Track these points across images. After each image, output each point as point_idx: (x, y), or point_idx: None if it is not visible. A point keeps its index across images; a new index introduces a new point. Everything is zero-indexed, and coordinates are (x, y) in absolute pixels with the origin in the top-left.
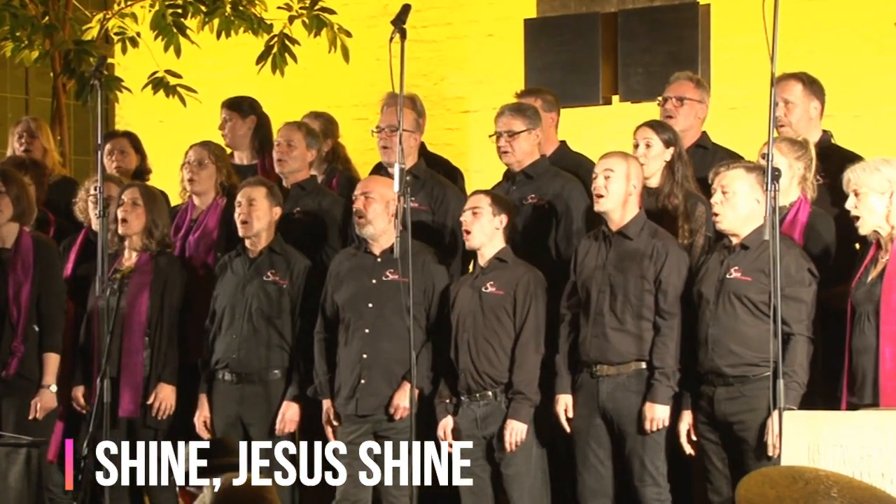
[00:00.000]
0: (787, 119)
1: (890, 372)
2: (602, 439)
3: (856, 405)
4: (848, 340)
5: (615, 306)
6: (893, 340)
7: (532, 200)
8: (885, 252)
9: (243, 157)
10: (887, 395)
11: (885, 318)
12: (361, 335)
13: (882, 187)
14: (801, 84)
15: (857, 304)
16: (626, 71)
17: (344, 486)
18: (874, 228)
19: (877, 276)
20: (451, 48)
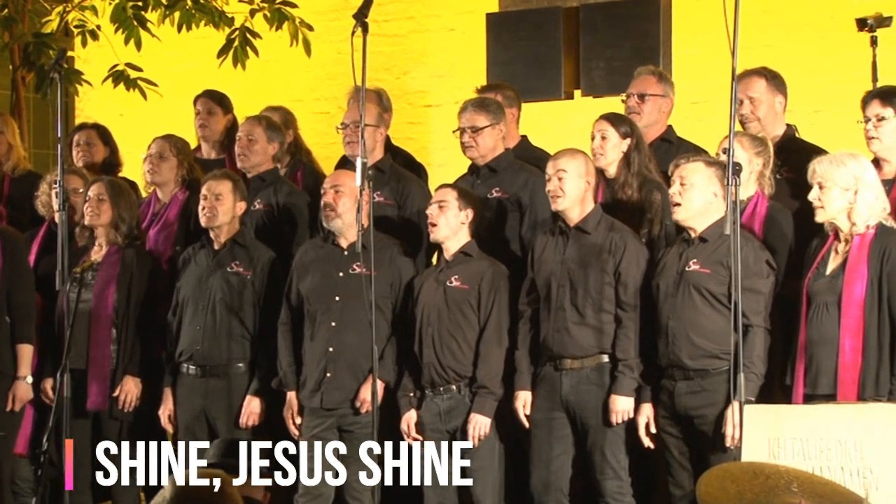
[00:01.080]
0: (753, 115)
1: (849, 364)
2: (561, 433)
3: (811, 396)
4: (803, 331)
5: (576, 300)
6: (853, 332)
7: (496, 194)
8: (845, 244)
9: (212, 151)
10: (845, 387)
11: (846, 311)
12: (328, 328)
13: (847, 183)
14: (765, 80)
15: (813, 295)
16: (587, 65)
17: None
18: (831, 219)
19: (837, 268)
20: (413, 42)
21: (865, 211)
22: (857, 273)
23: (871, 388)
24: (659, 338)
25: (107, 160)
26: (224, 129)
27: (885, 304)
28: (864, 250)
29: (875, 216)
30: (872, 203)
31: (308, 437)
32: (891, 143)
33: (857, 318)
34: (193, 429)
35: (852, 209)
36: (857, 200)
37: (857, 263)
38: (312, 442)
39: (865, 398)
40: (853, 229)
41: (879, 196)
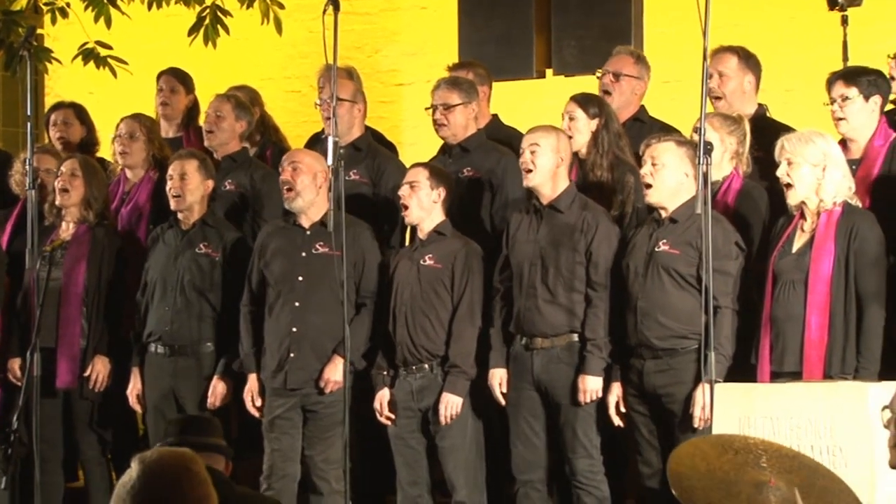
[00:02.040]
0: (720, 91)
1: (815, 341)
2: (536, 411)
3: (777, 373)
4: (768, 309)
5: (547, 279)
6: (820, 310)
7: (468, 174)
8: (811, 222)
9: (170, 129)
10: (811, 364)
11: (813, 288)
12: (291, 308)
13: (816, 159)
14: (737, 57)
15: (779, 273)
16: (559, 44)
17: (272, 459)
18: (803, 198)
19: (804, 246)
20: (384, 21)
21: (833, 188)
22: (824, 251)
23: (837, 366)
24: (628, 317)
25: (84, 139)
26: (185, 108)
27: (851, 282)
28: (831, 228)
29: (842, 194)
30: (840, 181)
31: (271, 417)
32: (857, 122)
33: (823, 296)
34: (162, 408)
35: (820, 186)
36: (825, 177)
37: (824, 241)
38: (276, 422)
39: (831, 376)
40: (820, 206)
41: (846, 174)
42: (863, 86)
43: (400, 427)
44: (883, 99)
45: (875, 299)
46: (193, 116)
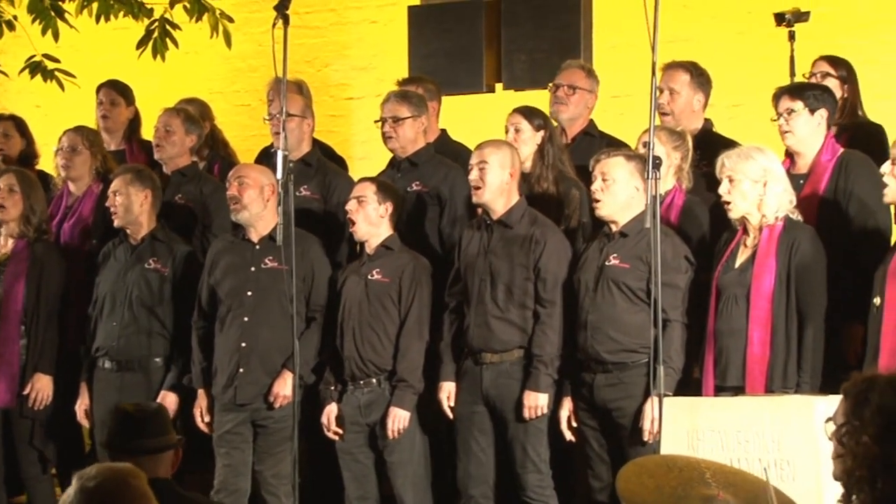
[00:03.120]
0: (669, 107)
1: (758, 356)
2: (484, 426)
3: (721, 388)
4: (712, 323)
5: (497, 294)
6: (762, 325)
7: (417, 188)
8: (753, 238)
9: (112, 142)
10: (753, 379)
11: (755, 303)
12: (240, 323)
13: (756, 175)
14: (689, 75)
15: (723, 288)
16: (509, 58)
17: (223, 474)
18: (744, 214)
19: (746, 261)
20: (334, 35)
21: (774, 203)
22: (766, 266)
23: (778, 381)
24: (578, 332)
25: (24, 152)
26: (126, 120)
27: (792, 297)
28: (772, 243)
29: (783, 208)
30: (781, 195)
31: (221, 432)
32: (803, 135)
33: (765, 311)
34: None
35: (762, 202)
36: (767, 192)
37: (765, 256)
38: (226, 437)
39: (773, 390)
40: (762, 221)
41: (787, 188)
42: (808, 100)
43: (348, 442)
44: (829, 113)
45: (816, 314)
46: (135, 129)
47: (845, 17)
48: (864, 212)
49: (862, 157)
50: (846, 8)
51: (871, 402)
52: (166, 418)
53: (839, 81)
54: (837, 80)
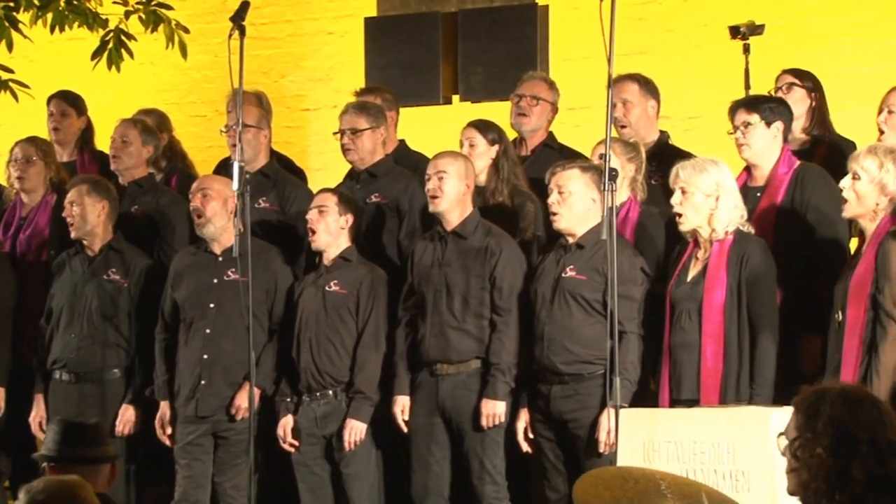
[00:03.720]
0: (626, 119)
1: (711, 369)
2: (440, 438)
3: (676, 401)
4: (667, 337)
5: (453, 305)
6: (714, 338)
7: (376, 199)
8: (705, 251)
9: (64, 153)
10: (707, 392)
11: (707, 317)
12: (202, 335)
13: (709, 189)
14: (638, 84)
15: (676, 301)
16: (465, 70)
17: (183, 485)
18: (695, 227)
19: (698, 274)
20: (290, 46)
21: (725, 218)
22: (717, 280)
23: (732, 394)
24: (535, 343)
25: None
26: (78, 130)
27: (744, 310)
28: (723, 256)
29: (734, 223)
30: (732, 210)
31: (183, 443)
32: (759, 148)
33: (717, 324)
34: None
35: (713, 216)
36: (719, 207)
37: (716, 270)
38: (187, 448)
39: (727, 402)
40: (713, 235)
41: (738, 203)
42: (764, 112)
43: (304, 454)
44: (785, 125)
45: (767, 326)
46: (88, 139)
47: (800, 31)
48: (821, 224)
49: (818, 169)
50: (801, 21)
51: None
52: (104, 431)
53: (806, 91)
54: (804, 89)
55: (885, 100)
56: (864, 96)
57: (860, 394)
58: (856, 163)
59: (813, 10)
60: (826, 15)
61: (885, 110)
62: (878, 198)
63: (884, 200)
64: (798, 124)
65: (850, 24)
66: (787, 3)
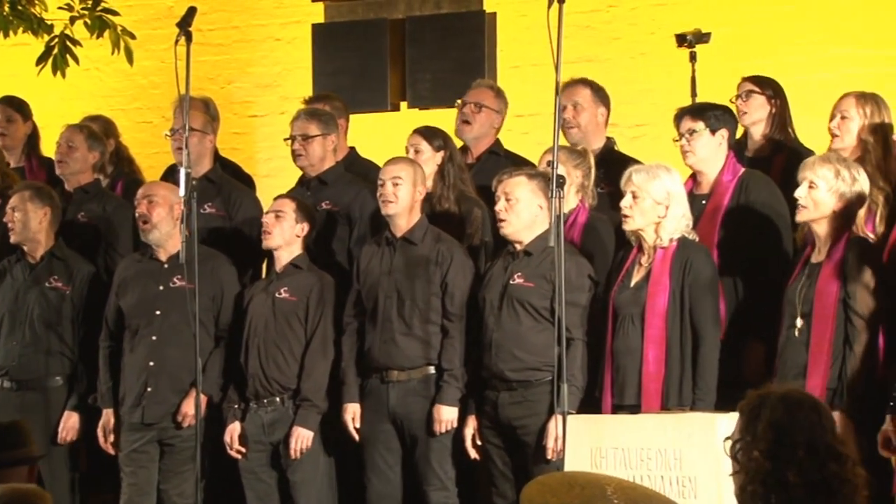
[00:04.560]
0: (575, 121)
1: (653, 374)
2: (391, 444)
3: (619, 406)
4: (609, 342)
5: (403, 311)
6: (656, 344)
7: (326, 206)
8: (648, 257)
9: (11, 159)
10: (649, 397)
11: (650, 322)
12: (148, 342)
13: (660, 196)
14: (590, 90)
15: (619, 307)
16: (413, 77)
17: (128, 493)
18: (640, 228)
19: (641, 280)
20: (237, 52)
21: (672, 226)
22: (660, 285)
23: (674, 399)
24: (483, 350)
25: None
26: (25, 136)
27: (686, 316)
28: (666, 262)
29: (679, 231)
30: (679, 219)
31: (128, 451)
32: (704, 155)
33: (659, 330)
34: None
35: (661, 223)
36: (668, 215)
37: (659, 276)
38: (132, 456)
39: (669, 408)
40: (657, 242)
41: (686, 213)
42: (710, 120)
43: (251, 461)
44: (730, 133)
45: (710, 332)
46: (34, 145)
47: (746, 39)
48: (765, 231)
49: (762, 176)
50: (747, 30)
51: (763, 417)
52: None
53: (766, 98)
54: (764, 96)
55: (838, 105)
56: (812, 104)
57: (801, 398)
58: (811, 172)
59: (759, 19)
60: (772, 23)
61: (838, 116)
62: (835, 205)
63: (839, 206)
64: (758, 129)
65: (796, 32)
66: (733, 12)
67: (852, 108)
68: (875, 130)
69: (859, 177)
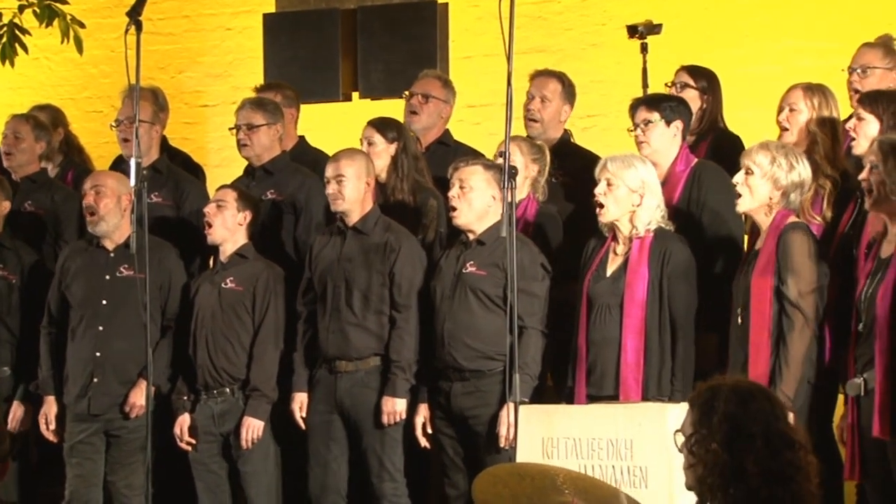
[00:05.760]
0: (540, 114)
1: (632, 364)
2: (338, 435)
3: (596, 397)
4: (584, 333)
5: (352, 301)
6: (635, 334)
7: (272, 196)
8: (624, 246)
9: None
10: (628, 388)
11: (628, 312)
12: (95, 332)
13: (635, 185)
14: (561, 85)
15: (594, 297)
16: (365, 67)
17: (74, 484)
18: (615, 219)
19: (618, 270)
20: (188, 41)
21: (647, 216)
22: (639, 275)
23: (653, 389)
24: (435, 340)
25: None
26: None
27: (665, 305)
28: (644, 252)
29: (655, 221)
30: (654, 209)
31: (73, 442)
32: (659, 146)
33: (639, 320)
34: None
35: (635, 214)
36: (643, 204)
37: (637, 265)
38: (78, 447)
39: (648, 398)
40: (633, 232)
41: (661, 203)
42: (665, 111)
43: (201, 452)
44: (684, 124)
45: (687, 322)
46: None
47: (697, 30)
48: (716, 221)
49: (715, 167)
50: (698, 21)
51: (717, 409)
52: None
53: (698, 92)
54: (697, 90)
55: (786, 97)
56: (762, 96)
57: (752, 388)
58: (748, 158)
59: (710, 11)
60: (723, 15)
61: (787, 108)
62: (771, 192)
63: (777, 194)
64: None
65: (747, 24)
66: (684, 4)
67: (800, 100)
68: (823, 122)
69: (797, 165)
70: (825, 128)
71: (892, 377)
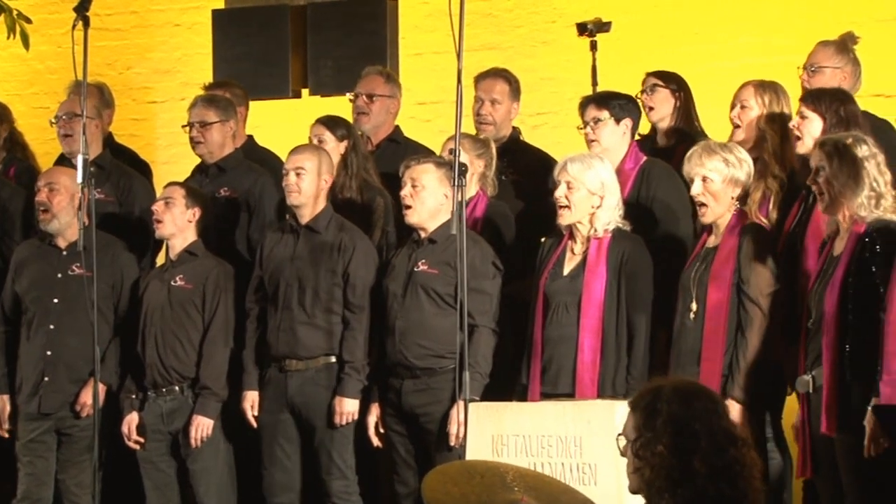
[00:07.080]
0: (492, 118)
1: (588, 363)
2: (290, 434)
3: (550, 395)
4: (539, 331)
5: (304, 300)
6: (593, 332)
7: (225, 193)
8: (581, 245)
9: None
10: (583, 386)
11: (586, 311)
12: (46, 331)
13: (595, 187)
14: (509, 85)
15: (552, 295)
16: (315, 64)
17: (25, 482)
18: (576, 221)
19: (576, 268)
20: (136, 37)
21: (606, 217)
22: (597, 274)
23: (609, 388)
24: (387, 338)
25: None
26: None
27: (622, 305)
28: (602, 252)
29: (614, 221)
30: (613, 210)
31: (25, 440)
32: (609, 144)
33: (596, 319)
34: None
35: (595, 214)
36: (602, 206)
37: (595, 264)
38: (30, 445)
39: (604, 397)
40: (591, 233)
41: (619, 203)
42: (614, 109)
43: (149, 450)
44: (633, 122)
45: (643, 321)
46: None
47: (646, 29)
48: (665, 219)
49: (663, 165)
50: (647, 19)
51: (661, 411)
52: None
53: (670, 91)
54: (668, 90)
55: (738, 94)
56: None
57: (694, 387)
58: (699, 167)
59: (660, 9)
60: (673, 13)
61: (738, 105)
62: (733, 192)
63: (738, 192)
64: (665, 123)
65: (697, 21)
66: (634, 2)
67: (751, 97)
68: (773, 119)
69: (742, 155)
70: (774, 125)
71: (838, 373)
